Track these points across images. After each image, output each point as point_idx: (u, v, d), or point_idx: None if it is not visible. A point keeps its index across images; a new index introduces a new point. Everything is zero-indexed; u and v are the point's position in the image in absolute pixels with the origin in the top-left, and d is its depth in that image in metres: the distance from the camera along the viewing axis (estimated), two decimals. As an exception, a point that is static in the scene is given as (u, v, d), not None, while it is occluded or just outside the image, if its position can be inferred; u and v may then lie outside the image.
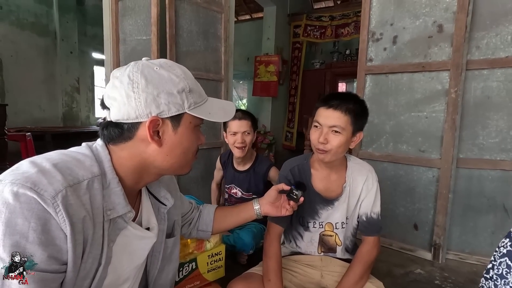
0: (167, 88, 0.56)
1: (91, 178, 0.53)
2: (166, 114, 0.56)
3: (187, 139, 0.61)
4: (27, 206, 0.45)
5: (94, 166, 0.55)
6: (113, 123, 0.57)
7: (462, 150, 1.71)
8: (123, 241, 0.60)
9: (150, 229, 0.70)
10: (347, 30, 4.72)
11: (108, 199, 0.56)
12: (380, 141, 1.94)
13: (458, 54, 1.63)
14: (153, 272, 0.75)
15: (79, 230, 0.49)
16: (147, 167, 0.61)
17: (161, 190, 0.73)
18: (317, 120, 1.00)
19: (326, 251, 1.13)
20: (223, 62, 2.48)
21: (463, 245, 1.76)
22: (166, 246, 0.76)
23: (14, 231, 0.44)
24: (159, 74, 0.57)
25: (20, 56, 4.82)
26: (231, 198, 1.78)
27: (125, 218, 0.59)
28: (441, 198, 1.72)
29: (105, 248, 0.55)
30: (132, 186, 0.62)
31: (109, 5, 2.28)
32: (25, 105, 4.89)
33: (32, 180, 0.46)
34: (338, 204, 1.07)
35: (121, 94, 0.55)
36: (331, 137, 0.96)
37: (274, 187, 0.94)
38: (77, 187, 0.50)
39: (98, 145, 0.60)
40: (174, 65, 0.60)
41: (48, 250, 0.46)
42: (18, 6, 4.77)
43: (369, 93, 1.97)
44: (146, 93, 0.55)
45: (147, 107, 0.55)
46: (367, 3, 1.90)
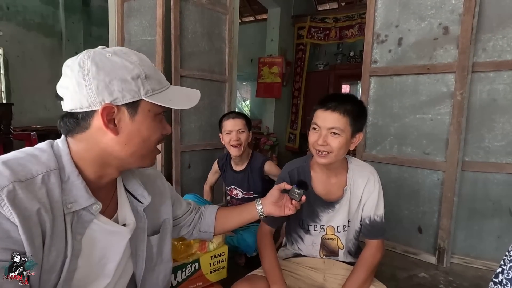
0: (120, 75, 0.55)
1: (46, 172, 0.54)
2: (120, 101, 0.55)
3: (147, 128, 0.60)
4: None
5: (51, 161, 0.55)
6: (68, 113, 0.57)
7: (468, 153, 1.70)
8: (92, 234, 0.60)
9: (126, 225, 0.69)
10: (351, 32, 4.72)
11: (69, 193, 0.56)
12: (384, 143, 1.93)
13: (464, 56, 1.61)
14: (139, 272, 0.74)
15: (34, 223, 0.50)
16: (107, 158, 0.60)
17: (138, 188, 0.72)
18: (315, 122, 1.00)
19: (328, 254, 1.12)
20: (227, 63, 2.49)
21: (468, 249, 1.74)
22: (150, 245, 0.75)
23: None
24: (112, 61, 0.55)
25: (27, 56, 4.88)
26: (233, 200, 1.79)
27: (91, 211, 0.58)
28: (446, 201, 1.71)
29: (70, 240, 0.55)
30: (95, 179, 0.61)
31: (114, 6, 2.30)
32: (31, 105, 4.94)
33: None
34: (339, 207, 1.06)
35: (72, 82, 0.54)
36: (330, 139, 0.96)
37: (276, 187, 0.94)
38: (30, 182, 0.51)
39: (59, 140, 0.60)
40: (129, 52, 0.59)
41: (3, 243, 0.47)
42: (25, 7, 4.82)
43: (373, 95, 1.96)
44: (97, 80, 0.53)
45: (99, 95, 0.54)
46: (372, 5, 1.90)
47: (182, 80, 2.13)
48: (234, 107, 2.67)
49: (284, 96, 5.28)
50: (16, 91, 4.78)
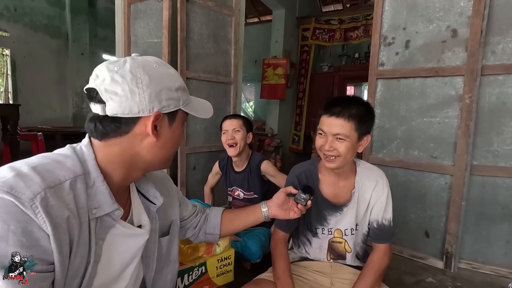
0: (168, 85, 0.60)
1: (73, 178, 0.54)
2: (166, 109, 0.59)
3: (178, 134, 0.66)
4: (5, 209, 0.45)
5: (76, 166, 0.56)
6: (109, 117, 0.57)
7: (476, 157, 1.68)
8: (113, 240, 0.60)
9: (142, 227, 0.70)
10: (356, 33, 4.70)
11: (94, 198, 0.56)
12: (391, 146, 1.92)
13: (473, 59, 1.60)
14: (150, 274, 0.75)
15: (63, 230, 0.50)
16: (137, 161, 0.62)
17: (150, 188, 0.73)
18: (320, 128, 1.00)
19: (336, 258, 1.11)
20: (233, 65, 2.49)
21: (476, 254, 1.72)
22: (160, 246, 0.76)
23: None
24: (159, 72, 0.60)
25: (33, 57, 4.93)
26: (235, 201, 1.79)
27: (113, 216, 0.59)
28: (454, 206, 1.69)
29: (93, 246, 0.55)
30: (120, 182, 0.62)
31: (121, 8, 2.31)
32: (37, 105, 4.99)
33: (9, 184, 0.47)
34: (347, 210, 1.05)
35: (124, 89, 0.55)
36: (337, 144, 0.95)
37: (283, 190, 0.94)
38: (58, 188, 0.51)
39: (82, 144, 0.60)
40: (167, 65, 0.64)
41: (31, 251, 0.46)
42: (32, 9, 4.88)
43: (380, 97, 1.94)
44: (150, 89, 0.57)
45: (151, 103, 0.57)
46: (379, 7, 1.89)
47: (188, 82, 2.14)
48: (239, 108, 2.67)
49: (289, 97, 5.27)
50: (23, 91, 4.83)
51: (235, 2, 2.43)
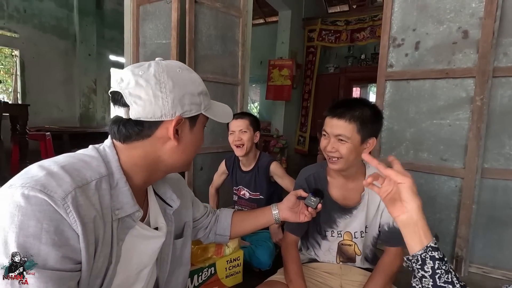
0: (190, 90, 0.60)
1: (99, 178, 0.54)
2: (188, 114, 0.60)
3: (199, 138, 0.66)
4: (39, 208, 0.45)
5: (101, 167, 0.56)
6: (132, 121, 0.57)
7: (487, 159, 1.66)
8: (131, 241, 0.61)
9: (159, 229, 0.70)
10: (362, 34, 4.68)
11: (116, 199, 0.56)
12: (400, 148, 1.90)
13: (485, 61, 1.58)
14: (163, 275, 0.75)
15: (90, 230, 0.50)
16: (158, 165, 0.62)
17: (167, 191, 0.74)
18: (324, 129, 1.00)
19: (345, 260, 1.11)
20: (240, 66, 2.50)
21: (487, 258, 1.70)
22: (175, 248, 0.76)
23: (27, 233, 0.44)
24: (183, 77, 0.60)
25: (41, 58, 4.99)
26: (240, 200, 1.78)
27: (133, 217, 0.59)
28: (464, 209, 1.67)
29: (115, 247, 0.56)
30: (140, 185, 0.63)
31: (130, 9, 2.33)
32: (45, 105, 5.05)
33: (41, 183, 0.47)
34: (357, 212, 1.05)
35: (148, 93, 0.55)
36: (338, 145, 0.95)
37: (293, 193, 0.94)
38: (86, 188, 0.51)
39: (105, 145, 0.60)
40: (190, 69, 0.64)
41: (62, 250, 0.46)
42: (41, 10, 4.94)
43: (389, 99, 1.93)
44: (174, 94, 0.57)
45: (174, 107, 0.57)
46: (388, 9, 1.88)
47: (195, 83, 2.14)
48: (246, 109, 2.67)
49: (294, 98, 5.26)
50: (31, 92, 4.89)
51: (242, 4, 2.44)
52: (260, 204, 1.70)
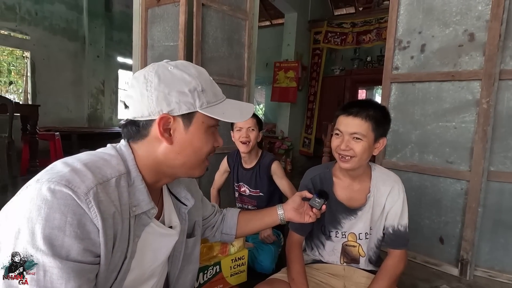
0: (178, 87, 0.58)
1: (118, 176, 0.56)
2: (176, 112, 0.58)
3: (199, 139, 0.62)
4: (64, 202, 0.47)
5: (120, 165, 0.58)
6: (131, 121, 0.60)
7: (494, 162, 1.65)
8: (147, 237, 0.62)
9: (173, 228, 0.72)
10: (368, 37, 4.68)
11: (133, 196, 0.58)
12: (405, 150, 1.90)
13: (491, 64, 1.58)
14: (174, 272, 0.77)
15: (109, 225, 0.52)
16: (161, 166, 0.62)
17: (182, 190, 0.75)
18: (337, 128, 1.01)
19: (349, 261, 1.11)
20: (246, 68, 2.52)
21: (493, 262, 1.69)
22: (186, 246, 0.78)
23: (53, 225, 0.46)
24: (172, 73, 0.59)
25: (52, 60, 5.08)
26: (241, 197, 1.80)
27: (149, 214, 0.61)
28: (470, 212, 1.66)
29: (131, 242, 0.57)
30: (152, 184, 0.64)
31: (139, 12, 2.38)
32: (54, 106, 5.14)
33: (66, 178, 0.49)
34: (362, 214, 1.05)
35: (136, 92, 0.58)
36: (353, 144, 0.96)
37: (298, 193, 0.95)
38: (106, 185, 0.53)
39: (122, 145, 0.63)
40: (189, 65, 0.62)
41: (84, 243, 0.48)
42: (51, 13, 5.04)
43: (394, 101, 1.93)
44: (157, 91, 0.57)
45: (158, 105, 0.57)
46: (394, 12, 1.88)
47: (202, 84, 2.17)
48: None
49: (299, 100, 5.27)
50: (41, 92, 4.98)
51: (249, 6, 2.47)
52: (260, 201, 1.73)
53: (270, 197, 1.71)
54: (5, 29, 4.50)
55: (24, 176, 3.43)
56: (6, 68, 4.87)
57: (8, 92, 4.94)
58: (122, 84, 6.46)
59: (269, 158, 1.73)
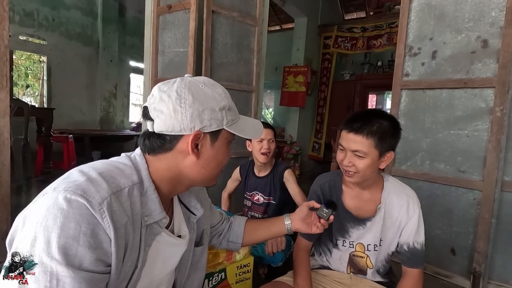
0: (211, 105, 0.60)
1: (131, 185, 0.57)
2: (207, 129, 0.60)
3: (222, 154, 0.65)
4: (79, 211, 0.48)
5: (133, 175, 0.59)
6: (156, 134, 0.60)
7: (508, 172, 1.60)
8: (157, 247, 0.63)
9: (182, 237, 0.72)
10: (379, 41, 4.63)
11: (145, 206, 0.59)
12: (415, 158, 1.87)
13: (505, 71, 1.54)
14: (181, 279, 0.77)
15: (121, 235, 0.52)
16: (181, 178, 0.63)
17: (191, 199, 0.76)
18: (340, 143, 0.98)
19: (356, 272, 1.09)
20: (255, 73, 2.54)
21: (508, 275, 1.63)
22: (194, 255, 0.78)
23: (68, 234, 0.47)
24: (204, 92, 0.61)
25: (67, 64, 5.24)
26: (254, 206, 1.81)
27: (160, 224, 0.61)
28: (483, 223, 1.61)
29: (142, 252, 0.58)
30: (165, 194, 0.65)
31: (150, 18, 2.43)
32: (68, 109, 5.29)
33: (82, 188, 0.50)
34: (371, 225, 1.03)
35: (169, 107, 0.58)
36: (355, 160, 0.93)
37: (306, 204, 0.94)
38: (119, 194, 0.54)
39: (136, 154, 0.63)
40: (216, 84, 0.64)
41: (96, 252, 0.49)
42: (67, 18, 5.21)
43: (404, 108, 1.91)
44: (192, 109, 0.58)
45: (192, 122, 0.59)
46: (404, 18, 1.86)
47: (211, 90, 2.19)
48: (260, 116, 2.70)
49: (309, 105, 5.25)
50: (56, 95, 5.14)
51: (258, 13, 2.49)
52: (270, 208, 1.74)
53: (282, 206, 1.72)
54: (24, 35, 4.67)
55: (38, 177, 3.52)
56: (24, 72, 5.04)
57: (25, 95, 5.11)
58: (134, 87, 6.59)
59: (283, 166, 1.75)
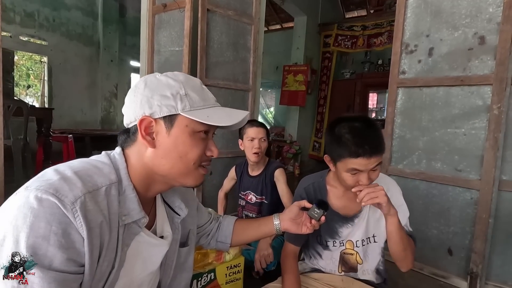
0: (161, 91, 0.59)
1: (109, 185, 0.56)
2: (157, 114, 0.58)
3: (182, 143, 0.60)
4: (50, 210, 0.47)
5: (111, 173, 0.58)
6: (125, 128, 0.63)
7: (506, 171, 1.57)
8: (137, 247, 0.62)
9: (164, 238, 0.71)
10: (380, 40, 4.59)
11: (124, 205, 0.57)
12: (411, 157, 1.84)
13: (503, 68, 1.51)
14: (166, 280, 0.76)
15: (96, 234, 0.51)
16: (151, 174, 0.62)
17: (175, 200, 0.74)
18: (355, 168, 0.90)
19: (347, 270, 1.08)
20: (252, 72, 2.52)
21: (506, 276, 1.60)
22: (179, 255, 0.77)
23: (37, 234, 0.46)
24: (158, 80, 0.61)
25: (68, 64, 5.26)
26: (248, 205, 1.80)
27: (139, 224, 0.60)
28: (480, 223, 1.58)
29: (119, 252, 0.57)
30: (144, 193, 0.63)
31: (146, 18, 2.42)
32: (69, 109, 5.31)
33: (55, 187, 0.49)
34: (358, 221, 1.03)
35: (128, 99, 0.62)
36: (372, 174, 0.92)
37: (296, 203, 0.92)
38: (95, 193, 0.53)
39: (116, 153, 0.62)
40: (180, 74, 0.63)
41: (68, 252, 0.48)
42: (68, 19, 5.23)
43: (401, 106, 1.88)
44: (142, 95, 0.59)
45: (141, 108, 0.59)
46: (401, 14, 1.84)
47: (206, 89, 2.18)
48: (257, 115, 2.69)
49: (309, 104, 5.23)
50: (57, 96, 5.16)
51: (255, 11, 2.47)
52: (263, 207, 1.73)
53: (275, 205, 1.71)
54: (25, 35, 4.70)
55: (38, 177, 3.54)
56: (25, 72, 5.08)
57: (28, 96, 5.15)
58: (135, 87, 6.59)
59: (275, 165, 1.74)
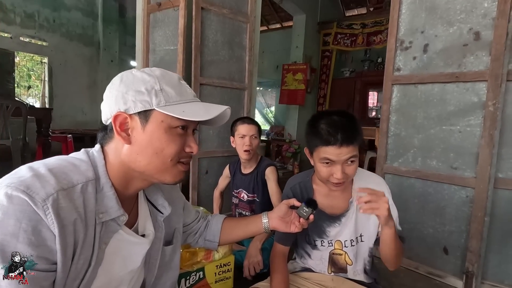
0: (136, 86, 0.59)
1: (85, 182, 0.55)
2: (132, 110, 0.58)
3: (158, 139, 0.59)
4: (20, 208, 0.47)
5: (89, 171, 0.57)
6: (104, 125, 0.63)
7: (502, 169, 1.54)
8: (116, 245, 0.61)
9: (146, 236, 0.70)
10: (379, 37, 4.56)
11: (101, 203, 0.57)
12: (407, 155, 1.82)
13: (498, 64, 1.48)
14: (150, 279, 0.75)
15: (69, 232, 0.51)
16: (129, 170, 0.61)
17: (158, 198, 0.74)
18: (325, 157, 0.91)
19: (337, 271, 1.07)
20: (247, 71, 2.51)
21: (502, 275, 1.57)
22: (163, 254, 0.76)
23: (6, 231, 0.46)
24: (133, 75, 0.60)
25: (68, 65, 5.29)
26: (241, 203, 1.80)
27: (118, 221, 0.59)
28: (476, 221, 1.56)
29: (96, 249, 0.56)
30: (122, 191, 0.62)
31: (141, 17, 2.42)
32: (70, 109, 5.34)
33: (26, 184, 0.49)
34: (346, 220, 1.02)
35: (104, 96, 0.61)
36: (346, 168, 0.91)
37: (285, 202, 0.91)
38: (70, 191, 0.52)
39: (94, 150, 0.62)
40: (155, 69, 0.62)
41: (38, 250, 0.47)
42: (68, 19, 5.26)
43: (396, 104, 1.86)
44: (117, 91, 0.59)
45: (116, 104, 0.58)
46: (395, 11, 1.82)
47: (201, 88, 2.18)
48: (253, 114, 2.68)
49: (308, 103, 5.21)
50: (58, 96, 5.19)
51: (250, 9, 2.46)
52: (255, 205, 1.73)
53: (267, 204, 1.70)
54: (25, 36, 4.73)
55: (37, 176, 3.56)
56: (26, 73, 5.11)
57: (31, 96, 5.19)
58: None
59: (266, 163, 1.73)
